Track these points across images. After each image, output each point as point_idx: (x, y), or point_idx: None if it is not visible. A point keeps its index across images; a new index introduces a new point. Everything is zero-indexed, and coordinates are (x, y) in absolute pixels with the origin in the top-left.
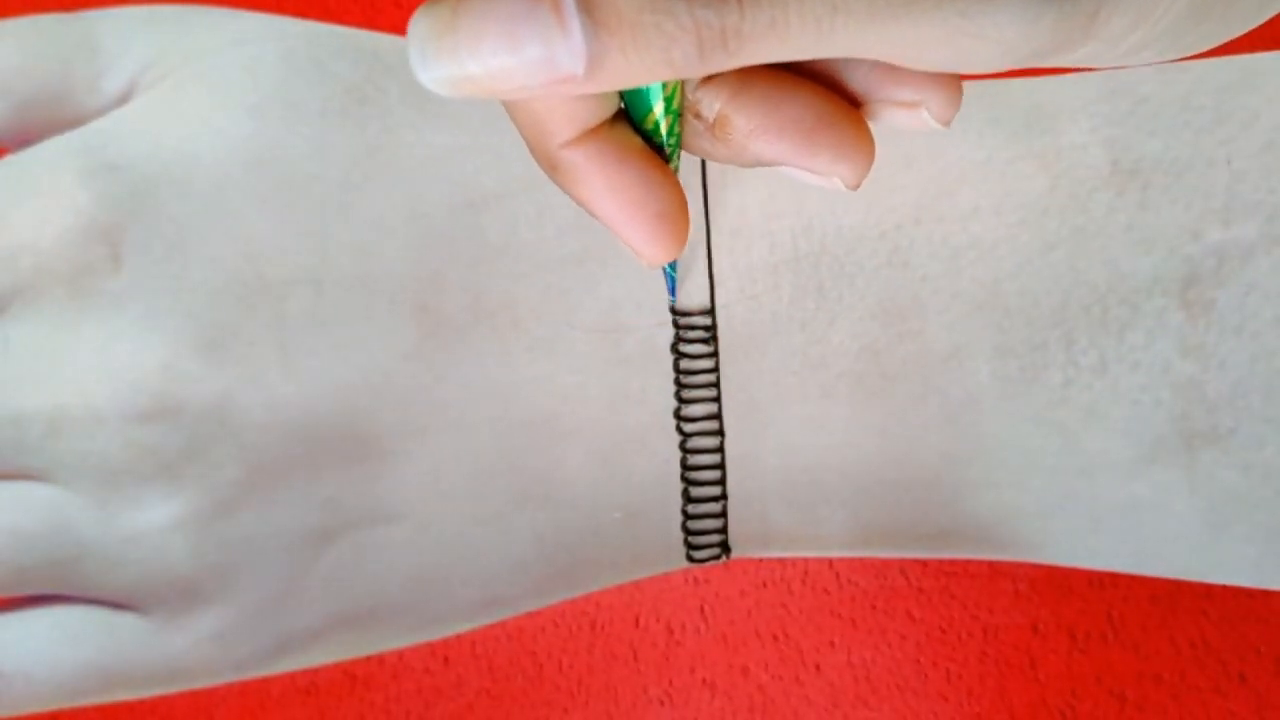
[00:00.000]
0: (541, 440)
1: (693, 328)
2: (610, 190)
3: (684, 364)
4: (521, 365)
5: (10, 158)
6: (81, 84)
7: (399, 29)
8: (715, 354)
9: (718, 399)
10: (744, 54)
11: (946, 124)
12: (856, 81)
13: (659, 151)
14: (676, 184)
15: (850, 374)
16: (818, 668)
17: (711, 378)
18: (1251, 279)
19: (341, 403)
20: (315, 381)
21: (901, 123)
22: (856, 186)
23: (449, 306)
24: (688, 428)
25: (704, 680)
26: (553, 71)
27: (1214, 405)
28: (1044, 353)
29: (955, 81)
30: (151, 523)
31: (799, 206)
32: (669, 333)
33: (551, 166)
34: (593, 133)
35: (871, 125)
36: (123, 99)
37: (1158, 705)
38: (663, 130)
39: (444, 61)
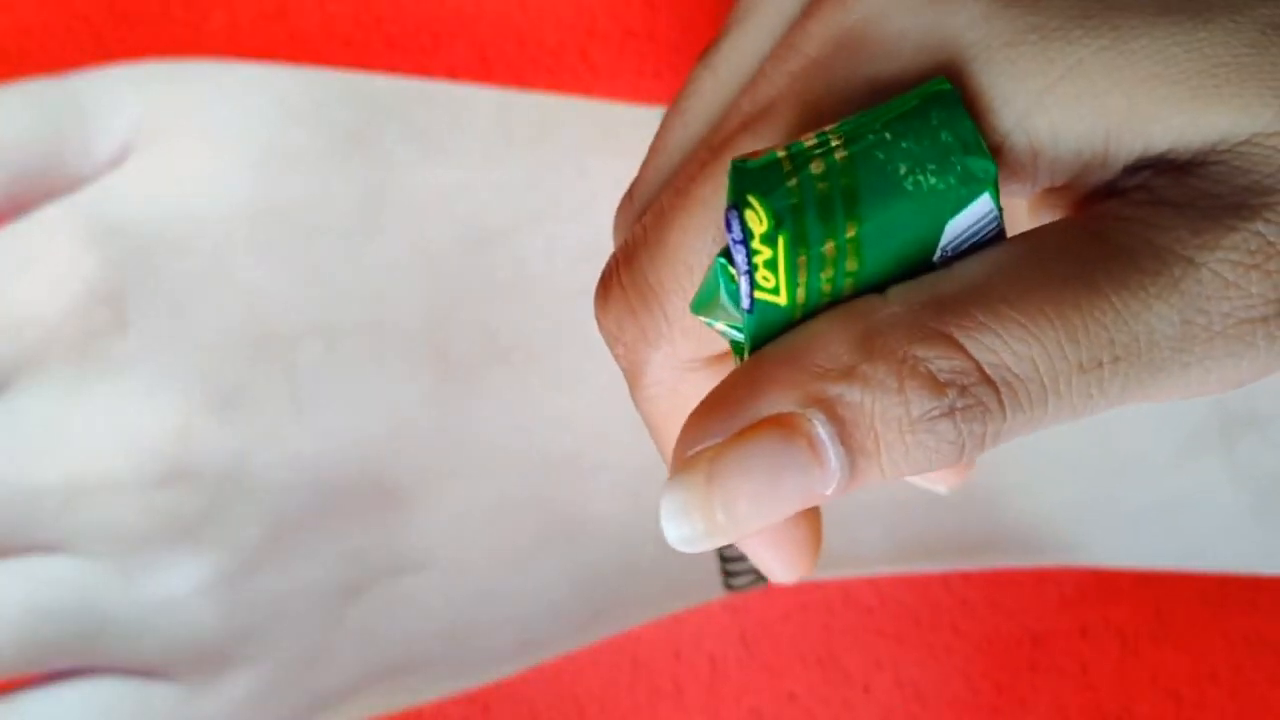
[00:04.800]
0: (567, 478)
1: None
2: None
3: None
4: (541, 403)
5: (8, 227)
6: (75, 148)
7: (391, 69)
8: None
9: None
10: (997, 444)
11: (948, 493)
12: None
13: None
14: (817, 516)
15: None
16: (866, 689)
17: None
18: None
19: (360, 454)
20: (331, 434)
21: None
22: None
23: (462, 347)
24: None
25: (751, 709)
26: (806, 501)
27: (1250, 391)
28: None
29: (973, 464)
30: (175, 588)
31: None
32: None
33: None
34: None
35: None
36: (118, 160)
37: (1215, 702)
38: None
39: (699, 524)
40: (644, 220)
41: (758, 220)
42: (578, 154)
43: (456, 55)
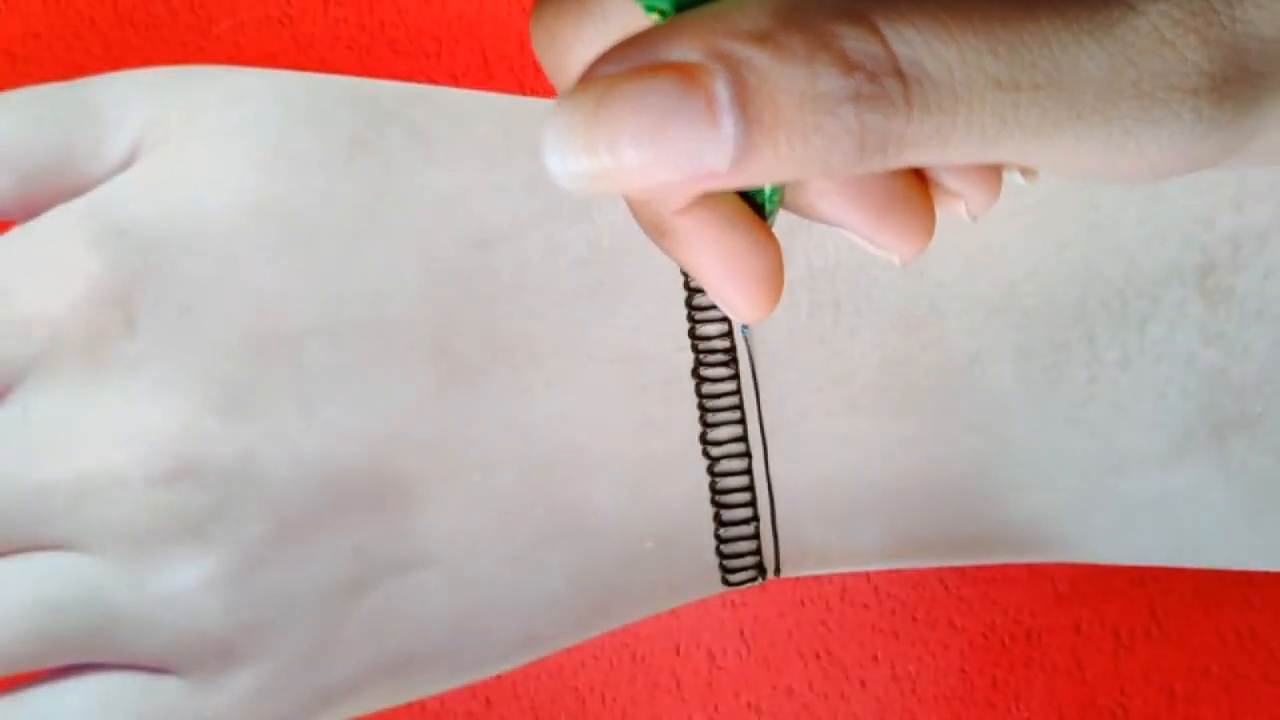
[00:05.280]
0: (568, 475)
1: (712, 351)
2: (719, 256)
3: (706, 388)
4: (543, 401)
5: (18, 229)
6: (84, 151)
7: (396, 75)
8: (736, 376)
9: (742, 421)
10: (901, 158)
11: (975, 219)
12: None
13: (759, 211)
14: (778, 247)
15: (874, 386)
16: (863, 684)
17: (735, 400)
18: (1269, 263)
19: (365, 451)
20: (337, 432)
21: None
22: (908, 264)
23: (466, 347)
24: (715, 451)
25: (749, 704)
26: (696, 168)
27: (1241, 391)
28: (1066, 351)
29: (997, 180)
30: (182, 584)
31: (809, 223)
32: (689, 358)
33: (659, 233)
34: (702, 199)
35: None
36: (126, 163)
37: (1209, 698)
38: (767, 192)
39: (581, 156)
40: None
41: None
42: None
43: (459, 60)
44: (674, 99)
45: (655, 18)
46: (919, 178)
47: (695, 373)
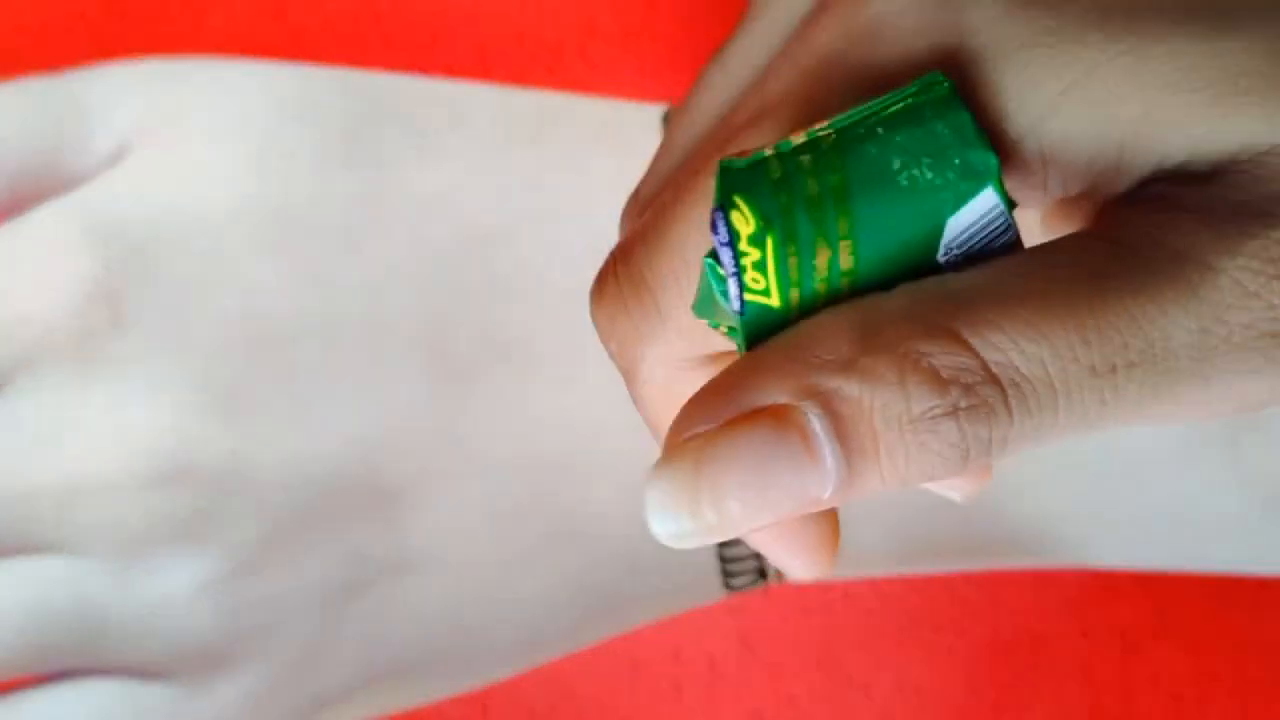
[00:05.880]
0: (567, 477)
1: None
2: (775, 533)
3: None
4: (540, 402)
5: (6, 226)
6: (72, 146)
7: (391, 67)
8: None
9: None
10: (1004, 456)
11: (961, 500)
12: None
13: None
14: (833, 516)
15: None
16: (867, 690)
17: None
18: None
19: (358, 453)
20: (330, 434)
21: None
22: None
23: (461, 347)
24: None
25: (751, 711)
26: (799, 504)
27: None
28: None
29: (989, 472)
30: (173, 588)
31: None
32: None
33: None
34: None
35: None
36: (115, 158)
37: (1217, 703)
38: None
39: (685, 518)
40: (645, 217)
41: (744, 221)
42: (577, 152)
43: (455, 53)
44: (770, 446)
45: (724, 332)
46: None
47: None
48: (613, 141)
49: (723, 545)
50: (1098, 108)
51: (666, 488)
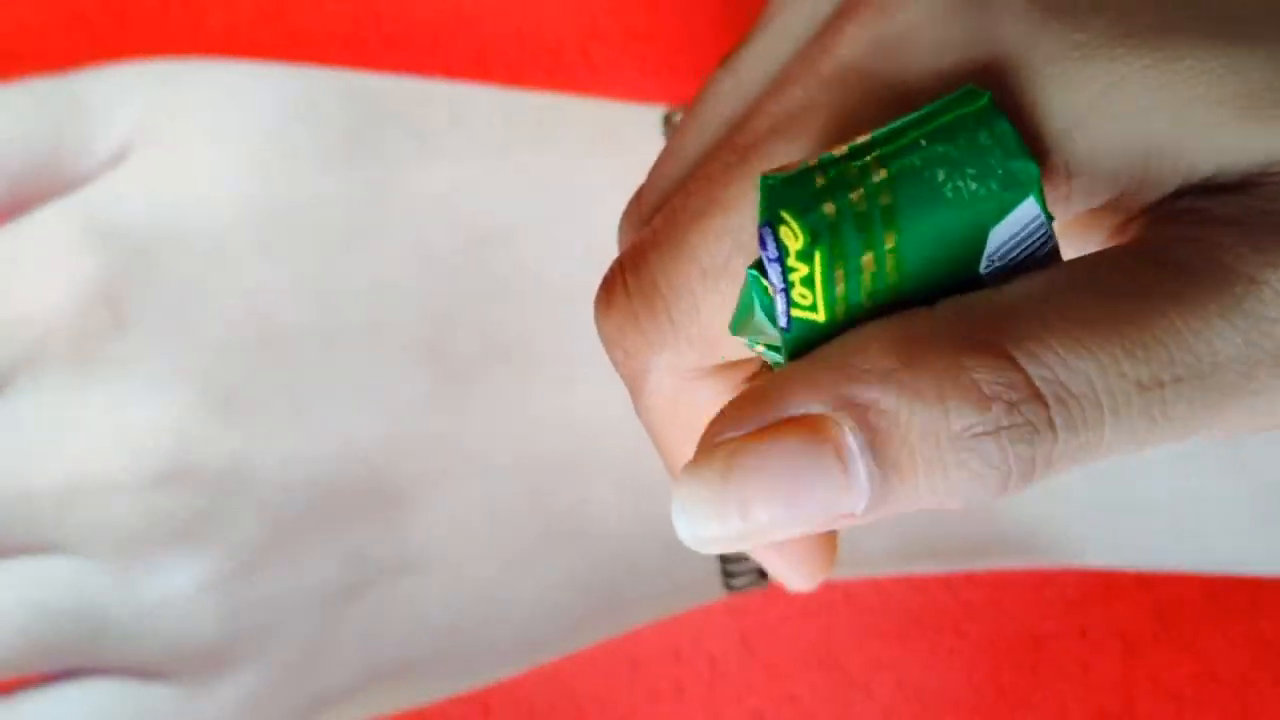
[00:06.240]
0: (568, 478)
1: None
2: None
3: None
4: (541, 402)
5: (7, 226)
6: (74, 147)
7: (391, 69)
8: None
9: None
10: (1047, 477)
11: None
12: None
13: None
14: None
15: None
16: (867, 690)
17: None
18: None
19: (359, 454)
20: (331, 434)
21: None
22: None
23: (462, 348)
24: None
25: (752, 711)
26: (829, 517)
27: None
28: None
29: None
30: (174, 589)
31: None
32: None
33: None
34: None
35: None
36: (117, 159)
37: (1217, 703)
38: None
39: (711, 523)
40: (654, 223)
41: (793, 237)
42: (577, 154)
43: (455, 54)
44: (802, 456)
45: (761, 350)
46: None
47: None
48: (613, 143)
49: None
50: (1125, 120)
51: (694, 491)
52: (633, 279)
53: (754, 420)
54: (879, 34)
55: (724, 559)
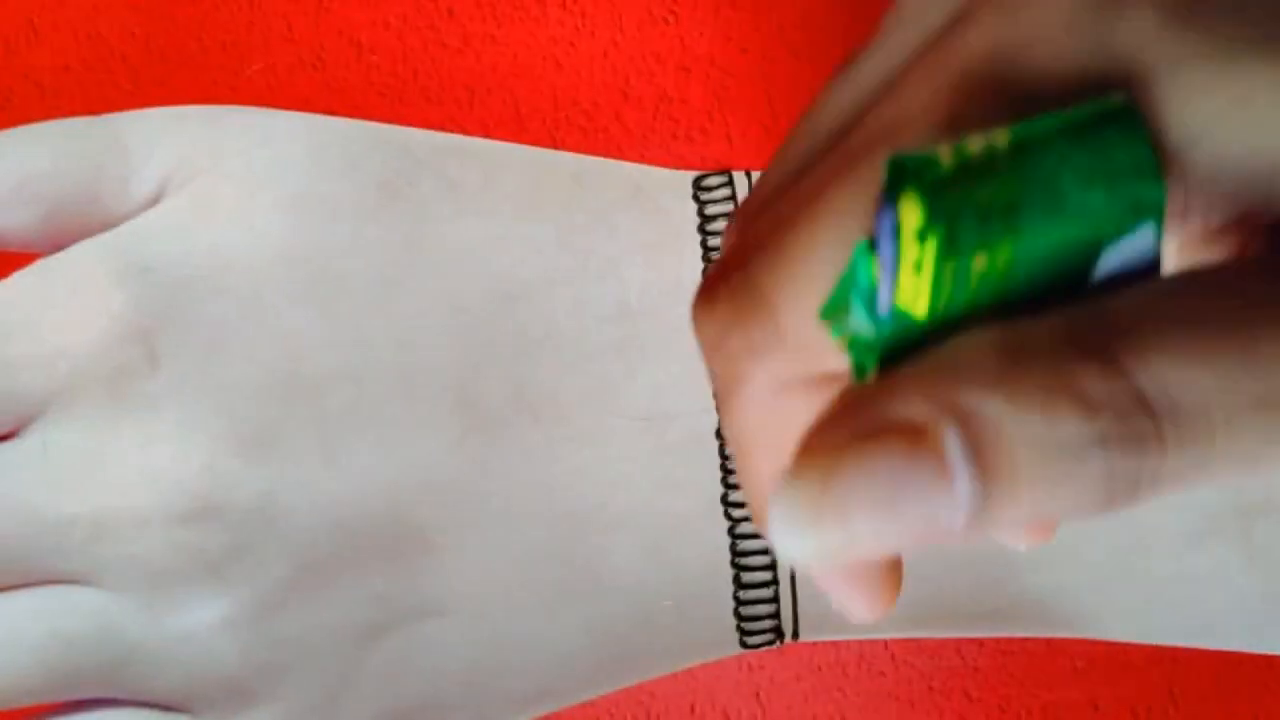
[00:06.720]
0: (589, 531)
1: None
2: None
3: (729, 449)
4: (566, 456)
5: (43, 262)
6: (111, 187)
7: (428, 124)
8: None
9: None
10: (1154, 495)
11: (1025, 549)
12: None
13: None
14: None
15: None
16: None
17: None
18: None
19: (386, 499)
20: (358, 478)
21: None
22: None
23: (491, 399)
24: (736, 513)
25: None
26: (931, 530)
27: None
28: None
29: (1051, 530)
30: (199, 624)
31: None
32: (713, 418)
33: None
34: None
35: None
36: (153, 200)
37: None
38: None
39: (810, 533)
40: (758, 225)
41: (912, 213)
42: (608, 214)
43: (491, 112)
44: (904, 464)
45: (845, 342)
46: None
47: (719, 434)
48: (643, 205)
49: (740, 604)
50: (1252, 132)
51: (792, 501)
52: (739, 279)
53: (854, 428)
54: (1000, 38)
55: (740, 617)
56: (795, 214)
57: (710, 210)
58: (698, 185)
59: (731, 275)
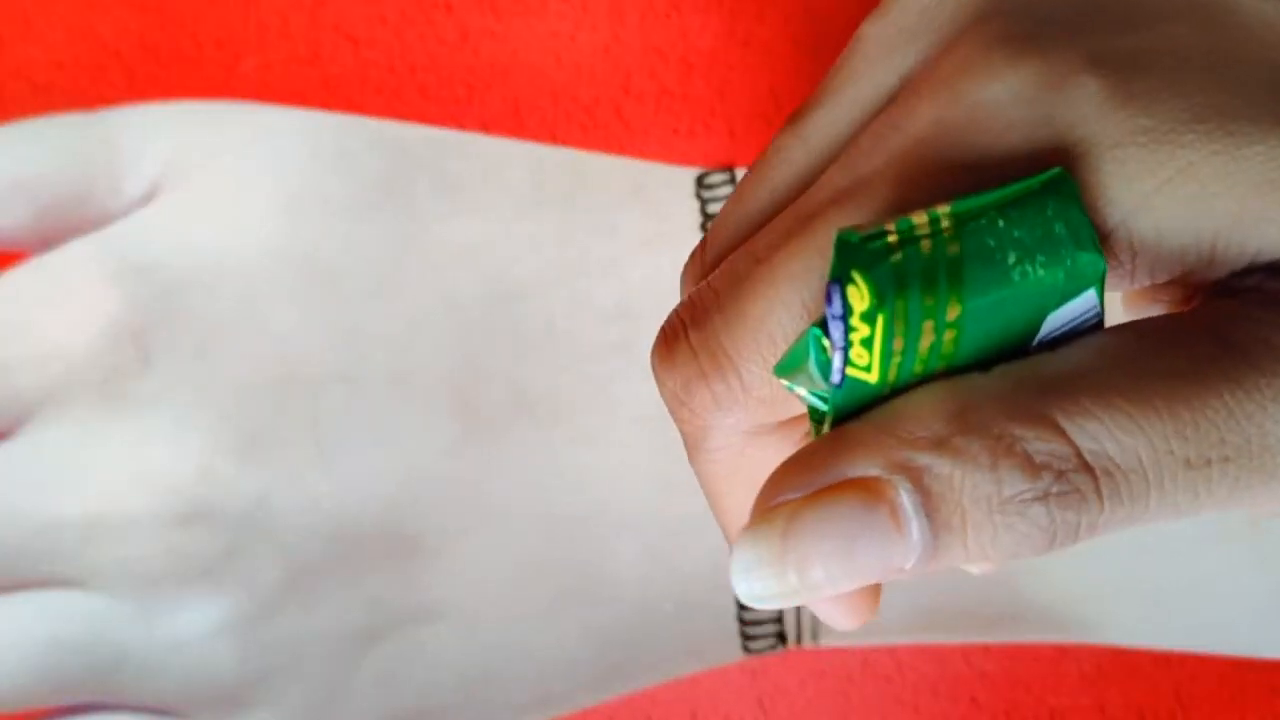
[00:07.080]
0: (588, 533)
1: None
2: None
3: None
4: (565, 458)
5: (36, 261)
6: (104, 184)
7: (425, 120)
8: None
9: None
10: (1092, 538)
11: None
12: None
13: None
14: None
15: None
16: None
17: None
18: None
19: (381, 501)
20: (353, 480)
21: None
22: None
23: (488, 400)
24: None
25: None
26: (881, 573)
27: None
28: None
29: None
30: (193, 628)
31: None
32: None
33: None
34: None
35: None
36: (146, 198)
37: None
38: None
39: (770, 581)
40: (715, 282)
41: (859, 297)
42: (608, 211)
43: (490, 108)
44: (859, 516)
45: (802, 394)
46: None
47: None
48: (644, 203)
49: (743, 609)
50: (1192, 204)
51: (754, 551)
52: (698, 338)
53: (810, 482)
54: (948, 112)
55: (743, 622)
56: (752, 277)
57: (712, 208)
58: (700, 183)
59: (690, 332)
